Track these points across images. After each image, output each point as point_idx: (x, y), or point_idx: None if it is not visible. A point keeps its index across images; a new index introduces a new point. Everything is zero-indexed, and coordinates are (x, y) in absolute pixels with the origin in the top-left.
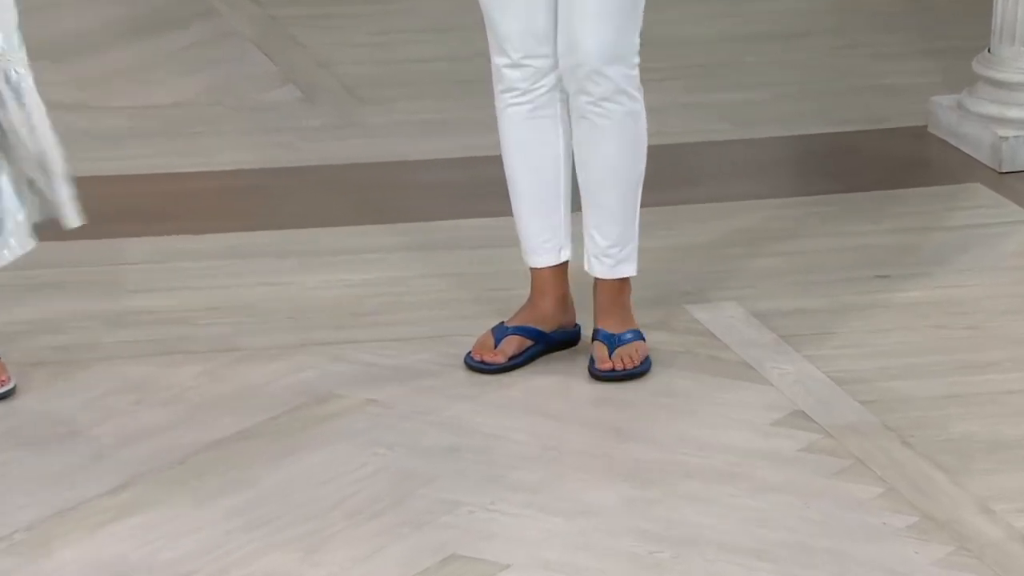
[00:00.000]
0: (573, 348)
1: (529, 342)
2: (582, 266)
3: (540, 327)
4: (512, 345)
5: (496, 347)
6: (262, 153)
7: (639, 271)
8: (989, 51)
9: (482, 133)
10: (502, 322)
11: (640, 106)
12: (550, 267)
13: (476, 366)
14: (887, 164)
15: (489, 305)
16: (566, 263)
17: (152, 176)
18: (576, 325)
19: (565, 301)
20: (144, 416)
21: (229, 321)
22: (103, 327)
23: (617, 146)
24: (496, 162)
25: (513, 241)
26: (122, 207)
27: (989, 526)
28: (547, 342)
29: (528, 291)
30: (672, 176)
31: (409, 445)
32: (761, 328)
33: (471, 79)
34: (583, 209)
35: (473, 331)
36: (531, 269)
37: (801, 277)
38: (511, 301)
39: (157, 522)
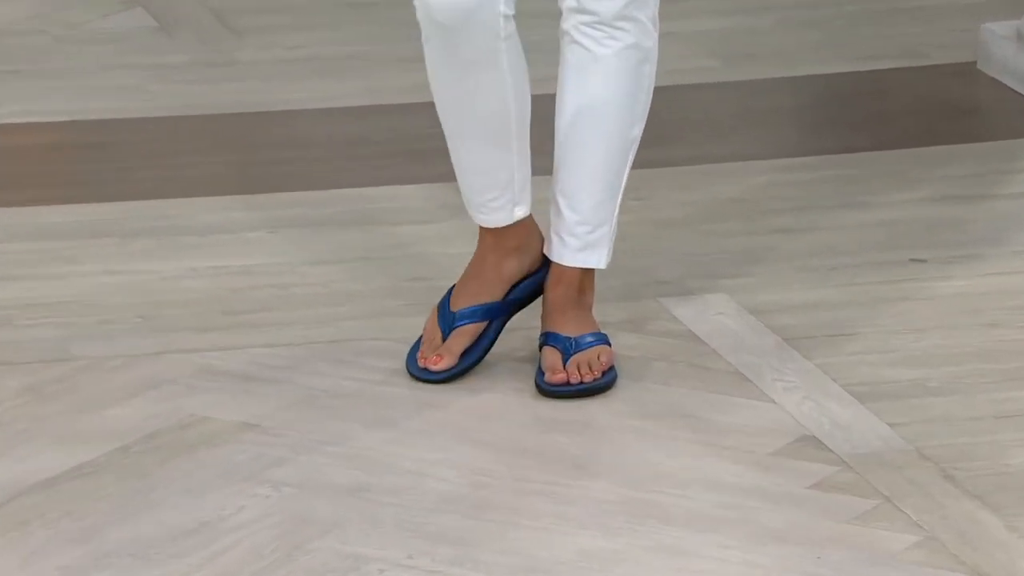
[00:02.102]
0: (519, 355)
1: (483, 325)
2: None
3: (492, 299)
4: (462, 339)
5: (443, 342)
6: (102, 99)
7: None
8: None
9: (395, 72)
10: (447, 294)
11: (654, 45)
12: (500, 227)
13: (421, 376)
14: (924, 112)
15: (406, 299)
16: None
17: None
18: (543, 263)
19: (522, 249)
20: None
21: (60, 322)
22: None
23: (613, 89)
24: (414, 112)
25: (438, 215)
26: None
27: None
28: (507, 310)
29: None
30: (646, 129)
31: (301, 484)
32: (760, 328)
33: (376, 1)
34: (554, 167)
35: (385, 332)
36: (479, 226)
37: (812, 261)
38: (433, 293)
39: None
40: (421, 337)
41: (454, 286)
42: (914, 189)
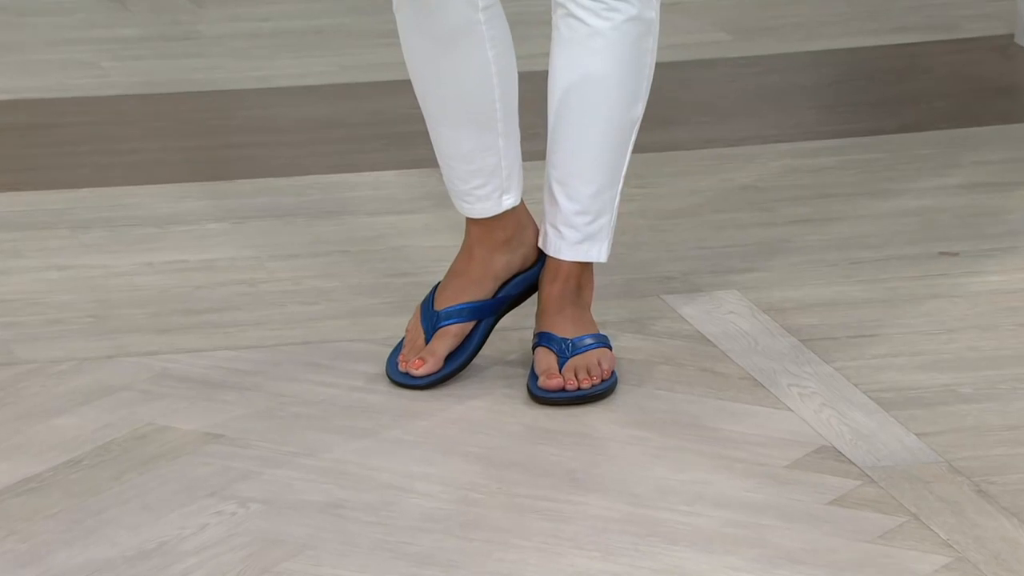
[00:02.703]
0: (511, 358)
1: (470, 325)
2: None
3: (480, 297)
4: (447, 341)
5: (426, 344)
6: (49, 76)
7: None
8: None
9: (372, 47)
10: (432, 292)
11: (656, 16)
12: (488, 217)
13: (402, 382)
14: (957, 91)
15: (386, 296)
16: (513, 208)
17: None
18: (538, 258)
19: (512, 242)
20: None
21: (2, 322)
22: None
23: (612, 65)
24: (393, 91)
25: (421, 204)
26: None
27: None
28: (497, 310)
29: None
30: (649, 110)
31: (270, 500)
32: (775, 328)
33: None
34: (548, 152)
35: (363, 333)
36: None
37: (832, 255)
38: (416, 290)
39: None
40: (403, 339)
41: (439, 283)
42: (945, 175)
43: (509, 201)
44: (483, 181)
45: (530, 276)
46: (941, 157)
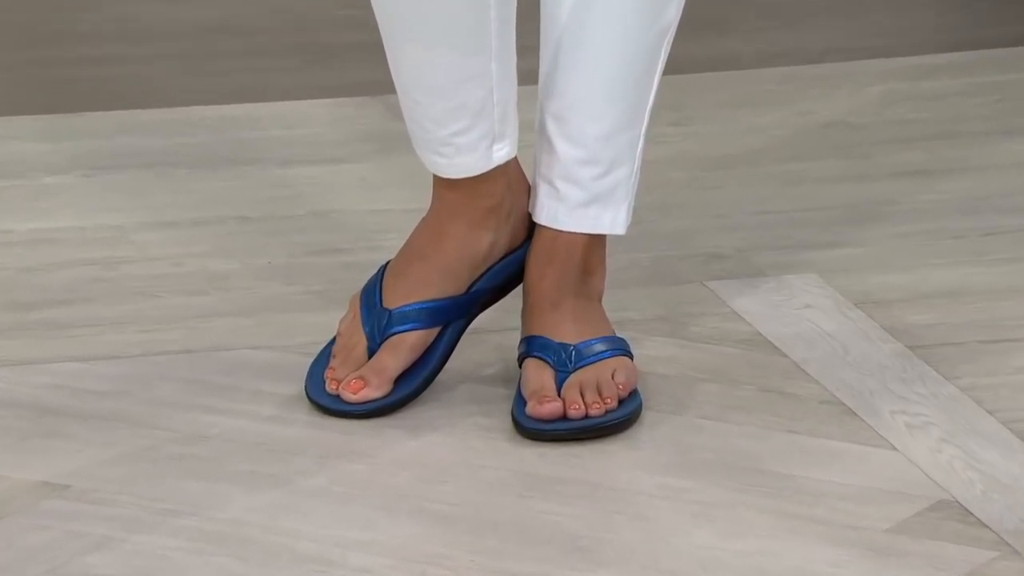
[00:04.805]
0: (487, 373)
1: (433, 332)
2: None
3: (449, 292)
4: (399, 354)
5: (369, 359)
6: None
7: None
8: None
9: None
10: (377, 278)
11: None
12: (470, 177)
13: (331, 408)
14: None
15: (303, 283)
16: (504, 164)
17: None
18: (527, 234)
19: (499, 213)
20: None
21: None
22: None
23: None
24: None
25: (359, 149)
26: None
27: None
28: (469, 308)
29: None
30: (687, 13)
31: None
32: (872, 329)
33: None
34: (541, 76)
35: (273, 337)
36: (433, 175)
37: (953, 223)
38: (351, 274)
39: None
40: (330, 346)
41: (386, 265)
42: None
43: (502, 153)
44: (467, 124)
45: (515, 259)
46: None
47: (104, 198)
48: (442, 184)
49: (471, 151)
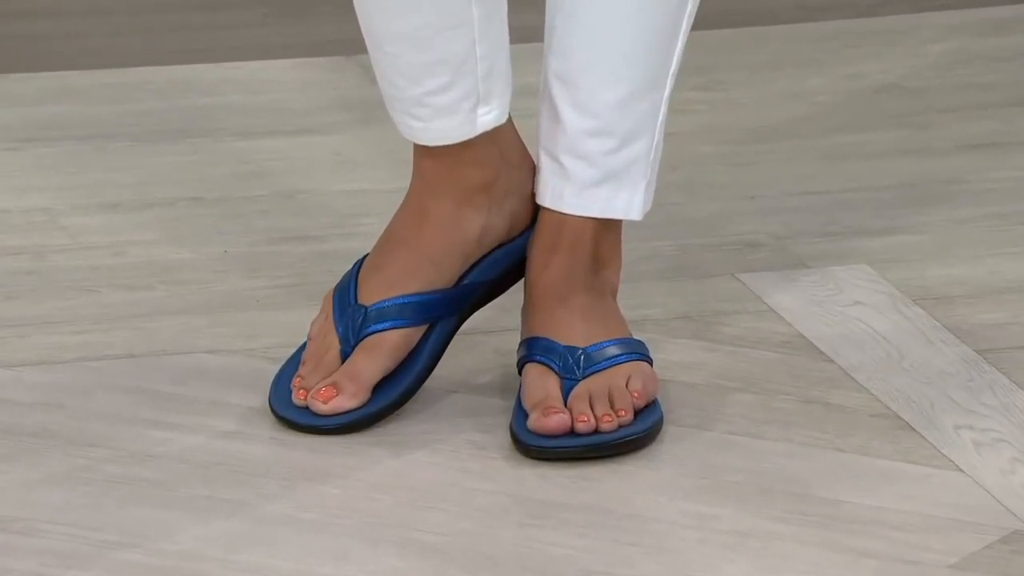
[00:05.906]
0: (481, 381)
1: (419, 331)
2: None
3: (435, 284)
4: (377, 357)
5: (342, 363)
6: None
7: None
8: None
9: None
10: (354, 271)
11: None
12: (453, 145)
13: (299, 422)
14: None
15: (267, 276)
16: (494, 131)
17: None
18: (531, 219)
19: (494, 191)
20: None
21: None
22: None
23: None
24: None
25: (331, 117)
26: None
27: None
28: (461, 305)
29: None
30: None
31: None
32: (932, 330)
33: None
34: (547, 31)
35: (234, 339)
36: (413, 145)
37: None
38: (324, 266)
39: None
40: (300, 351)
41: (365, 258)
42: None
43: (489, 118)
44: (445, 82)
45: (515, 248)
46: None
47: (31, 176)
48: (421, 153)
49: (451, 114)
